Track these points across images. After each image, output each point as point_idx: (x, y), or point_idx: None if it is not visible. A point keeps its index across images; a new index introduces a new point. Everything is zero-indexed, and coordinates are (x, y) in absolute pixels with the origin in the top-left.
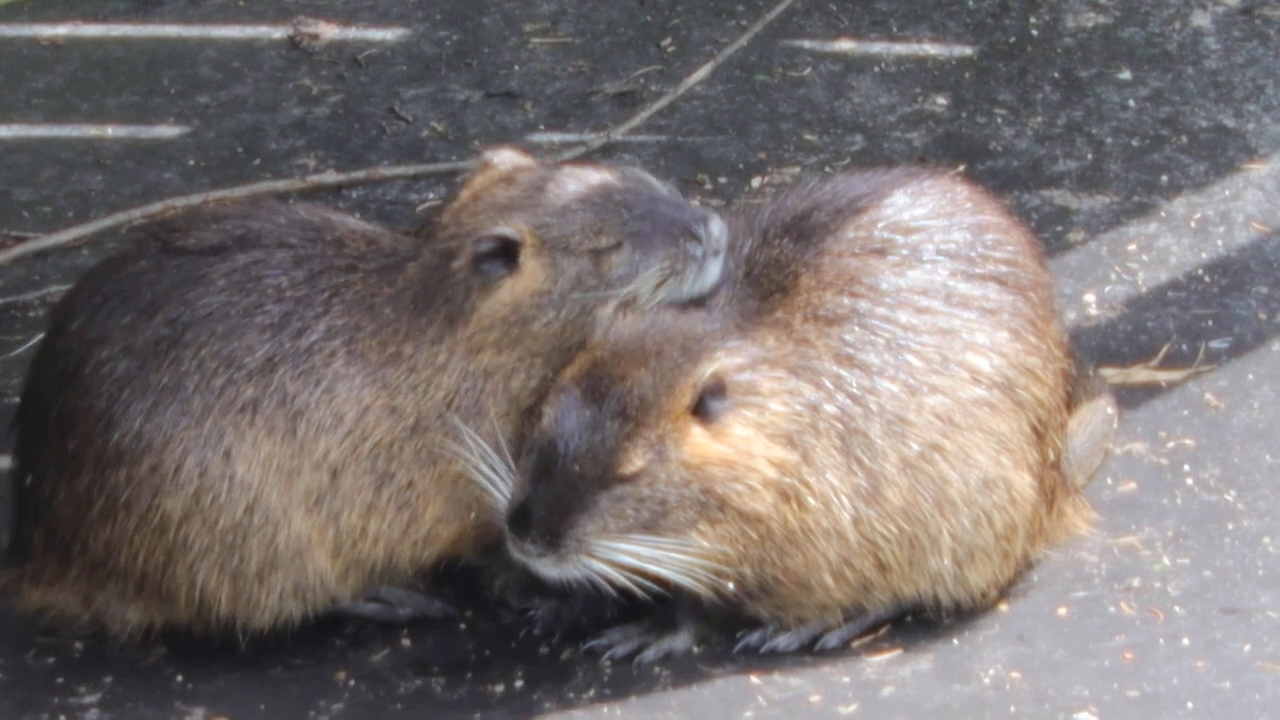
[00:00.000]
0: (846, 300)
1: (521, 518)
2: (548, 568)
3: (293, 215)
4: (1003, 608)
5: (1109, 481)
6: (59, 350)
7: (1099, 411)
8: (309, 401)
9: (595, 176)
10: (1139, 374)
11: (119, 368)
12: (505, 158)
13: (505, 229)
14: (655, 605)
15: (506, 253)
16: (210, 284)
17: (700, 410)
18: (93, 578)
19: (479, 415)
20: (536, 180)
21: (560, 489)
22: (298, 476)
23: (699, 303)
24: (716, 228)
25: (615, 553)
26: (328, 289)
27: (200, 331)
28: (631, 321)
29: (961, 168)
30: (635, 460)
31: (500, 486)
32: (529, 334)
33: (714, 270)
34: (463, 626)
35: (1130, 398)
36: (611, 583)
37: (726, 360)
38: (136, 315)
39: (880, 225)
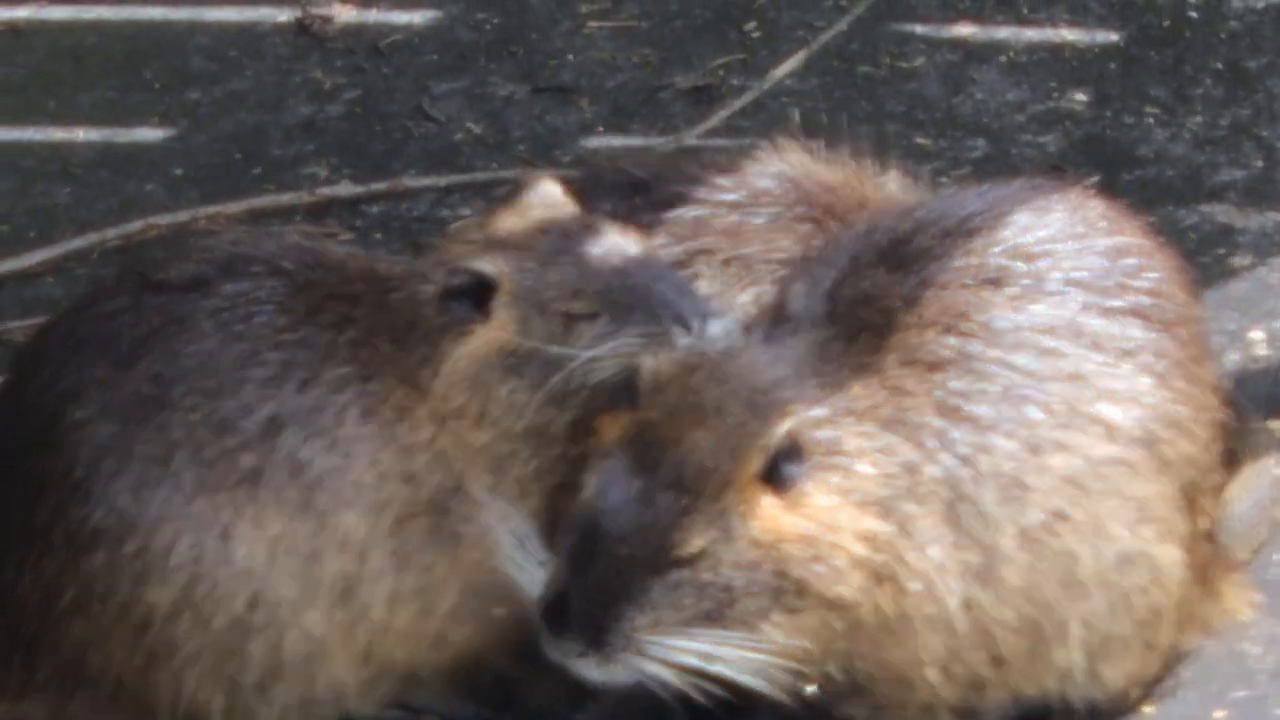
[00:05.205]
0: (953, 340)
1: (559, 610)
2: (591, 669)
3: (285, 239)
4: (1146, 709)
5: (1277, 558)
6: (26, 403)
7: (1266, 473)
8: (326, 469)
9: (607, 237)
10: None
11: (99, 432)
12: (542, 190)
13: (483, 265)
14: (729, 708)
15: (481, 295)
16: (196, 327)
17: (772, 476)
18: (63, 684)
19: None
20: (546, 223)
21: (605, 575)
22: (318, 561)
23: (769, 344)
24: (718, 328)
25: (672, 651)
26: (331, 325)
27: (188, 389)
28: (684, 372)
29: (1099, 178)
30: (695, 540)
31: (532, 571)
32: (497, 404)
33: None
34: None
35: None
36: (669, 686)
37: (802, 414)
38: (113, 367)
39: (996, 250)
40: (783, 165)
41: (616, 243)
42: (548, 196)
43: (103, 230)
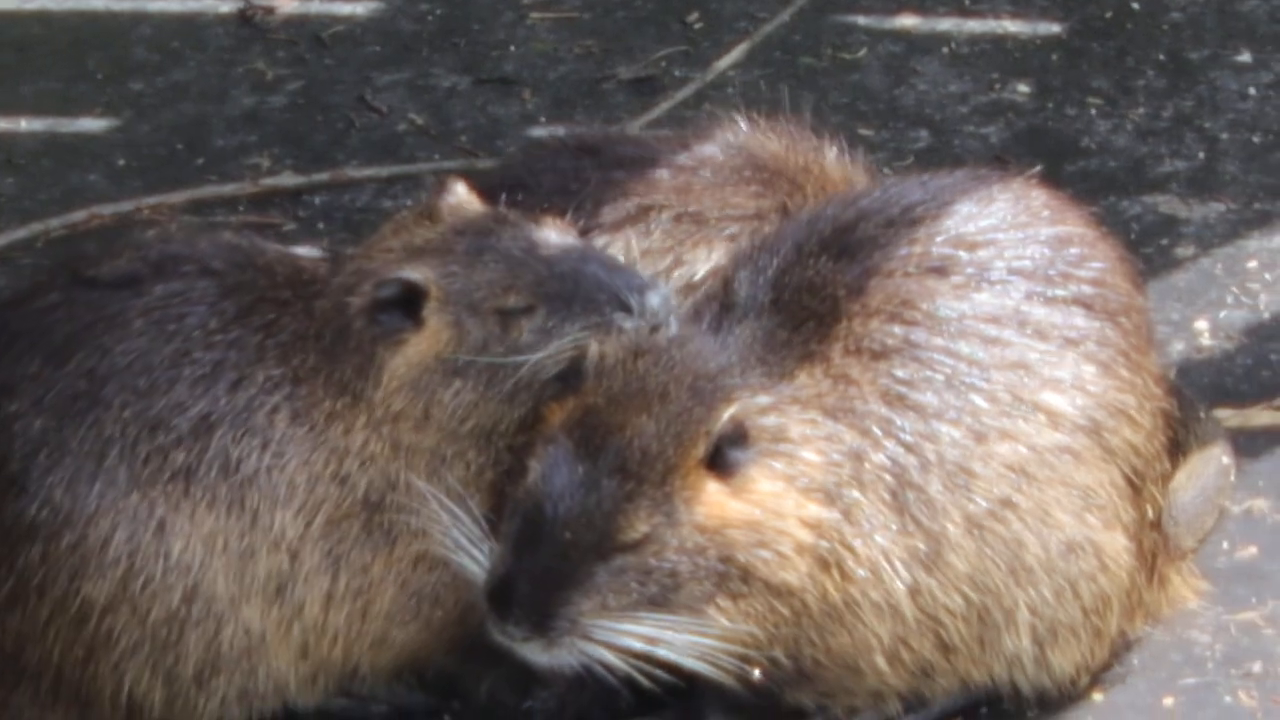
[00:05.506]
0: (898, 329)
1: (504, 594)
2: (536, 653)
3: (217, 239)
4: (1096, 697)
5: (1225, 545)
6: None
7: (1212, 461)
8: (258, 468)
9: (525, 228)
10: (1261, 416)
11: (33, 426)
12: (450, 190)
13: (410, 273)
14: (678, 693)
15: (410, 303)
16: (127, 325)
17: (717, 462)
18: (3, 677)
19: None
20: (459, 224)
21: (550, 560)
22: (252, 558)
23: (713, 332)
24: (656, 299)
25: (617, 635)
26: (261, 328)
27: (120, 386)
28: (628, 358)
29: (1041, 168)
30: (639, 525)
31: (477, 557)
32: (441, 408)
33: None
34: None
35: (1250, 445)
36: (614, 671)
37: (747, 401)
38: (45, 362)
39: (940, 239)
40: (728, 134)
41: (535, 232)
42: (456, 195)
43: (46, 220)
